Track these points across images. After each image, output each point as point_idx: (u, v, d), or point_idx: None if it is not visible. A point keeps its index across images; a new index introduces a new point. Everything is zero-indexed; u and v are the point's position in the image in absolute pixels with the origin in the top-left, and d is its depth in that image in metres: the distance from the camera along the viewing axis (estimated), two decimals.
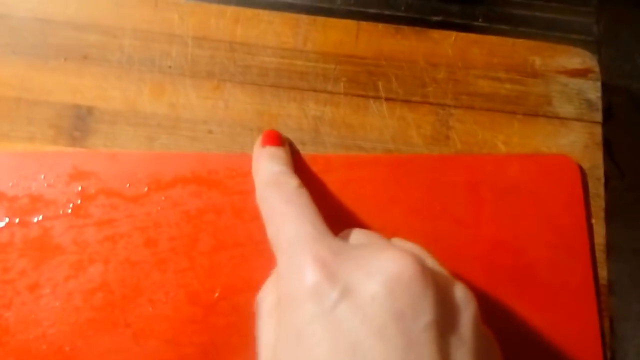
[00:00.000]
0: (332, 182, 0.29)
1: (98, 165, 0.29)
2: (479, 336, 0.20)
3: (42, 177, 0.29)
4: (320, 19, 0.33)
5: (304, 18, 0.33)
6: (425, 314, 0.19)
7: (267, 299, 0.23)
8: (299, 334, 0.19)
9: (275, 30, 0.32)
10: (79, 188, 0.29)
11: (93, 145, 0.30)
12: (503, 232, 0.29)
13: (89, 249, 0.28)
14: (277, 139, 0.29)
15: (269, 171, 0.26)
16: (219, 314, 0.27)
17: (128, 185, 0.29)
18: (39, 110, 0.30)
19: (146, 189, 0.29)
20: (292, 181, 0.25)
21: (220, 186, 0.29)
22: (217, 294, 0.27)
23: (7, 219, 0.28)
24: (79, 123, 0.30)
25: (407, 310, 0.18)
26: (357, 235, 0.23)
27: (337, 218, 0.28)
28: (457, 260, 0.28)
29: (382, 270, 0.19)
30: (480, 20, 0.36)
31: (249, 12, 0.32)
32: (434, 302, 0.19)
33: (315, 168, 0.29)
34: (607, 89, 0.33)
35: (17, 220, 0.28)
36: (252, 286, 0.27)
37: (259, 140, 0.29)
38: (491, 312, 0.27)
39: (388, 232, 0.28)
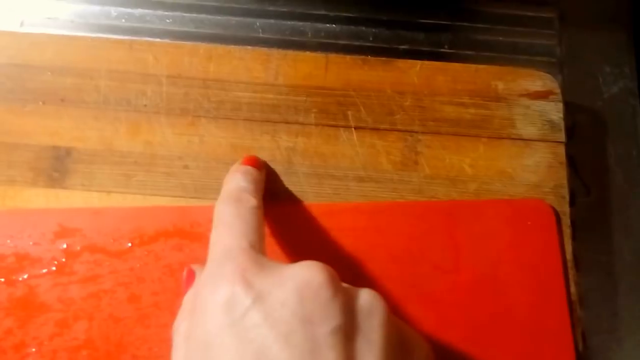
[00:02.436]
0: (312, 229, 0.30)
1: (83, 222, 0.29)
2: (389, 339, 0.20)
3: (28, 235, 0.29)
4: (291, 53, 0.34)
5: (274, 53, 0.34)
6: (332, 320, 0.19)
7: (181, 325, 0.22)
8: (207, 345, 0.19)
9: (247, 66, 0.33)
10: (64, 245, 0.29)
11: (72, 186, 0.31)
12: (481, 277, 0.29)
13: (73, 306, 0.28)
14: (256, 162, 0.30)
15: (235, 184, 0.27)
16: None
17: (112, 240, 0.29)
18: (18, 153, 0.31)
19: (129, 244, 0.29)
20: (252, 200, 0.25)
21: (202, 238, 0.29)
22: None
23: None
24: (57, 164, 0.31)
25: (315, 316, 0.19)
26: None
27: (320, 257, 0.27)
28: (436, 305, 0.29)
29: (293, 277, 0.20)
30: (445, 47, 0.38)
31: (221, 49, 0.34)
32: (341, 308, 0.19)
33: (295, 216, 0.30)
34: (571, 108, 0.34)
35: (2, 280, 0.28)
36: None
37: (239, 160, 0.30)
38: (470, 357, 0.28)
39: (367, 277, 0.29)
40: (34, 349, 0.27)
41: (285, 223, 0.30)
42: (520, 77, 0.34)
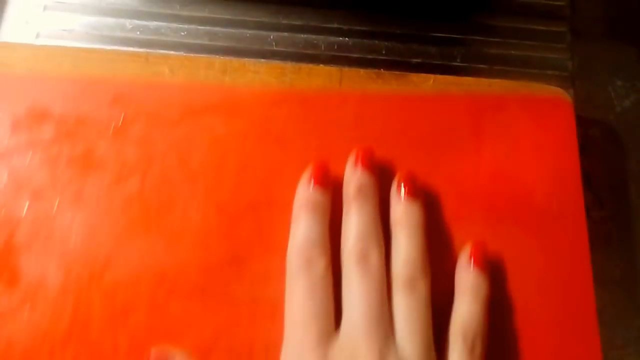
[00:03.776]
0: (347, 115, 0.32)
1: (138, 92, 0.31)
2: None
3: (88, 100, 0.31)
4: (305, 67, 0.34)
5: (289, 67, 0.34)
6: None
7: None
8: None
9: (262, 79, 0.33)
10: (121, 111, 0.31)
11: None
12: (502, 163, 0.31)
13: (128, 165, 0.30)
14: (325, 179, 0.29)
15: (304, 235, 0.27)
16: (243, 225, 0.29)
17: (165, 110, 0.31)
18: None
19: (180, 114, 0.31)
20: (321, 262, 0.27)
21: (246, 114, 0.31)
22: (242, 207, 0.29)
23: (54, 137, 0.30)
24: None
25: None
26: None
27: (349, 147, 0.30)
28: (459, 187, 0.31)
29: None
30: (458, 60, 0.38)
31: (236, 62, 0.34)
32: None
33: (331, 102, 0.32)
34: (583, 122, 0.34)
35: (64, 138, 0.30)
36: (274, 202, 0.30)
37: (307, 173, 0.29)
38: (491, 234, 0.29)
39: (396, 160, 0.31)
40: (91, 199, 0.29)
41: (317, 110, 0.32)
42: (532, 91, 0.34)
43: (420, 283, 0.27)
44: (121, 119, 0.31)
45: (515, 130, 0.32)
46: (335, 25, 0.37)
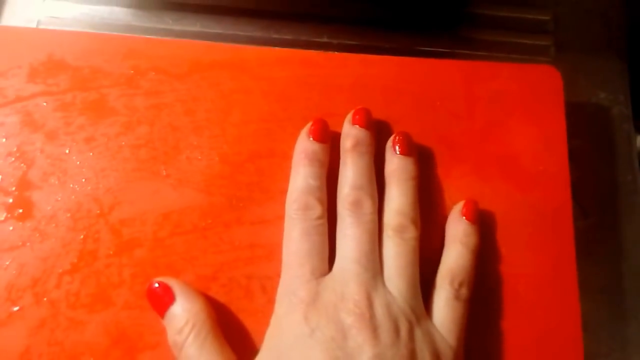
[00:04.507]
0: (346, 77, 0.33)
1: (150, 48, 0.33)
2: None
3: (101, 53, 0.33)
4: None
5: None
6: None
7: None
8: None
9: None
10: (132, 64, 0.33)
11: None
12: (493, 126, 0.33)
13: (137, 113, 0.32)
14: (324, 134, 0.31)
15: (303, 183, 0.29)
16: (244, 173, 0.31)
17: (174, 65, 0.33)
18: None
19: (188, 69, 0.33)
20: (318, 209, 0.29)
21: (251, 71, 0.33)
22: (243, 157, 0.31)
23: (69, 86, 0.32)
24: None
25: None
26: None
27: (348, 106, 0.32)
28: (451, 147, 0.32)
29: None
30: None
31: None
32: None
33: (332, 64, 0.34)
34: (568, 133, 0.34)
35: (78, 86, 0.32)
36: (274, 153, 0.32)
37: (307, 127, 0.31)
38: (480, 192, 0.31)
39: (392, 120, 0.33)
40: (102, 143, 0.31)
41: (318, 70, 0.33)
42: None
43: (410, 230, 0.28)
44: (132, 71, 0.33)
45: (506, 96, 0.34)
46: (326, 40, 0.38)
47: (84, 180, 0.30)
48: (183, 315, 0.26)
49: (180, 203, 0.30)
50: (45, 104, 0.32)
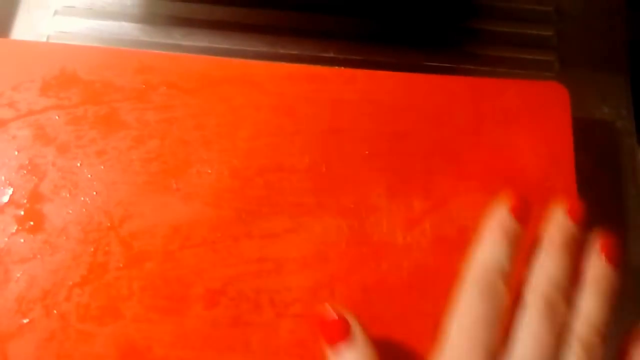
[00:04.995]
0: (354, 92, 0.34)
1: (161, 63, 0.34)
2: None
3: (113, 68, 0.33)
4: None
5: None
6: None
7: None
8: None
9: None
10: (144, 79, 0.33)
11: None
12: (500, 142, 0.33)
13: (148, 127, 0.32)
14: (527, 215, 0.27)
15: (494, 258, 0.26)
16: (253, 187, 0.31)
17: (185, 80, 0.33)
18: None
19: (199, 84, 0.33)
20: (505, 293, 0.26)
21: (260, 87, 0.33)
22: (253, 171, 0.32)
23: (80, 100, 0.33)
24: None
25: None
26: None
27: (356, 121, 0.33)
28: (458, 162, 0.33)
29: None
30: None
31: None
32: None
33: (340, 79, 0.34)
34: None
35: (90, 100, 0.32)
36: (284, 168, 0.32)
37: (508, 202, 0.28)
38: (486, 205, 0.29)
39: (400, 134, 0.33)
40: (113, 156, 0.32)
41: (327, 86, 0.34)
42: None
43: (598, 350, 0.26)
44: (144, 86, 0.33)
45: (513, 112, 0.34)
46: (332, 55, 0.39)
47: (94, 193, 0.31)
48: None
49: (189, 216, 0.30)
50: (57, 117, 0.32)
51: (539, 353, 0.24)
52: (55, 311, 0.28)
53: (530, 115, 0.34)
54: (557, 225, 0.28)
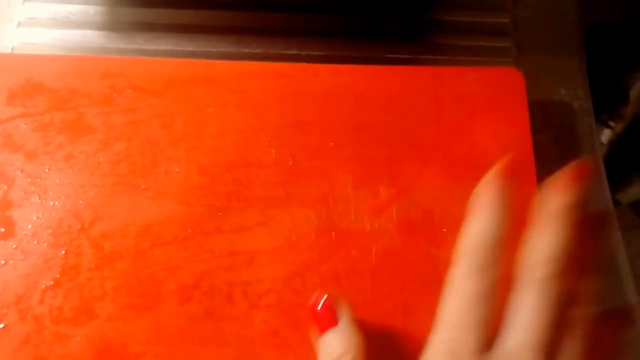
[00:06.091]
0: (318, 86, 0.35)
1: (126, 68, 0.34)
2: None
3: (79, 75, 0.34)
4: None
5: None
6: None
7: None
8: None
9: None
10: (109, 83, 0.34)
11: None
12: (461, 127, 0.34)
13: (115, 130, 0.33)
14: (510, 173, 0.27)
15: (484, 237, 0.25)
16: (222, 183, 0.32)
17: (150, 82, 0.34)
18: None
19: (164, 86, 0.34)
20: (496, 270, 0.25)
21: (225, 85, 0.34)
22: (221, 168, 0.32)
23: (47, 106, 0.33)
24: None
25: None
26: None
27: (321, 115, 0.34)
28: (422, 149, 0.33)
29: None
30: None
31: None
32: None
33: (304, 75, 0.35)
34: (532, 130, 0.35)
35: (56, 107, 0.33)
36: (251, 163, 0.33)
37: (498, 167, 0.27)
38: (451, 190, 0.32)
39: (364, 125, 0.34)
40: (81, 160, 0.32)
41: (291, 82, 0.35)
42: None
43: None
44: (109, 90, 0.34)
45: (471, 98, 0.35)
46: (295, 52, 0.39)
47: (64, 197, 0.31)
48: (343, 344, 0.25)
49: (160, 215, 0.31)
50: (24, 125, 0.33)
51: (537, 335, 0.23)
52: (29, 315, 0.28)
53: (488, 100, 0.35)
54: (554, 195, 0.26)
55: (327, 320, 0.27)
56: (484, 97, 0.35)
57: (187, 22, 0.39)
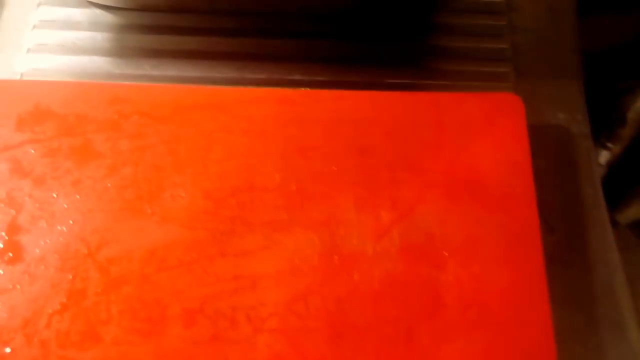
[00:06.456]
0: (321, 111, 0.35)
1: (133, 94, 0.35)
2: None
3: (87, 101, 0.34)
4: None
5: None
6: None
7: None
8: None
9: None
10: (116, 109, 0.34)
11: None
12: (460, 151, 0.34)
13: (122, 155, 0.33)
14: None
15: None
16: (226, 208, 0.32)
17: (156, 109, 0.35)
18: None
19: (170, 112, 0.34)
20: None
21: (230, 111, 0.35)
22: (225, 192, 0.33)
23: (55, 132, 0.34)
24: None
25: None
26: None
27: (324, 140, 0.35)
28: (423, 174, 0.34)
29: None
30: None
31: None
32: None
33: (307, 100, 0.35)
34: (531, 154, 0.35)
35: (64, 133, 0.34)
36: (255, 187, 0.33)
37: None
38: (451, 214, 0.33)
39: (366, 149, 0.34)
40: (88, 185, 0.33)
41: (294, 107, 0.35)
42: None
43: None
44: (116, 116, 0.34)
45: (471, 124, 0.36)
46: (297, 77, 0.40)
47: (71, 222, 0.31)
48: None
49: (165, 239, 0.31)
50: (32, 151, 0.33)
51: None
52: (36, 339, 0.29)
53: (487, 125, 0.35)
54: None
55: None
56: (484, 122, 0.36)
57: (192, 48, 0.40)
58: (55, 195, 0.32)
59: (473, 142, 0.35)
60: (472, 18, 0.42)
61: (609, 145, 0.49)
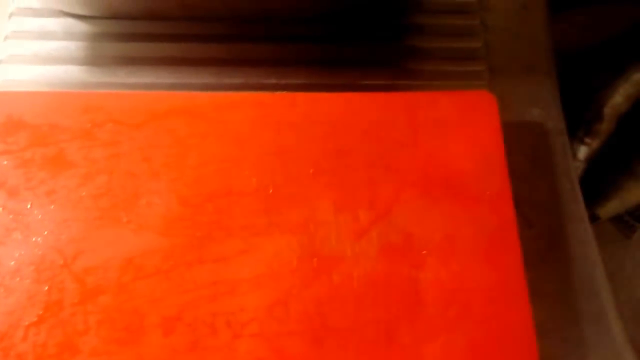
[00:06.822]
0: (296, 115, 0.35)
1: (106, 102, 0.35)
2: None
3: (60, 110, 0.34)
4: None
5: None
6: None
7: None
8: None
9: None
10: (90, 118, 0.34)
11: None
12: (436, 151, 0.35)
13: (96, 164, 0.33)
14: None
15: None
16: (203, 214, 0.32)
17: (130, 116, 0.34)
18: None
19: (144, 119, 0.34)
20: None
21: (205, 116, 0.35)
22: (202, 198, 0.32)
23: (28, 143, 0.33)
24: None
25: None
26: None
27: (299, 144, 0.35)
28: (399, 173, 0.34)
29: None
30: None
31: None
32: None
33: (282, 103, 0.35)
34: (507, 150, 0.35)
35: (37, 143, 0.33)
36: (232, 192, 0.33)
37: None
38: (429, 213, 0.33)
39: (342, 151, 0.35)
40: (62, 195, 0.32)
41: (269, 111, 0.35)
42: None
43: None
44: (90, 125, 0.34)
45: (446, 122, 0.36)
46: (274, 81, 0.40)
47: (46, 232, 0.31)
48: None
49: (141, 247, 0.31)
50: (5, 162, 0.33)
51: None
52: (12, 353, 0.28)
53: (462, 123, 0.36)
54: None
55: None
56: (458, 120, 0.36)
57: (167, 55, 0.40)
58: (29, 206, 0.32)
59: (448, 140, 0.35)
60: (445, 18, 0.42)
61: (587, 140, 0.50)
